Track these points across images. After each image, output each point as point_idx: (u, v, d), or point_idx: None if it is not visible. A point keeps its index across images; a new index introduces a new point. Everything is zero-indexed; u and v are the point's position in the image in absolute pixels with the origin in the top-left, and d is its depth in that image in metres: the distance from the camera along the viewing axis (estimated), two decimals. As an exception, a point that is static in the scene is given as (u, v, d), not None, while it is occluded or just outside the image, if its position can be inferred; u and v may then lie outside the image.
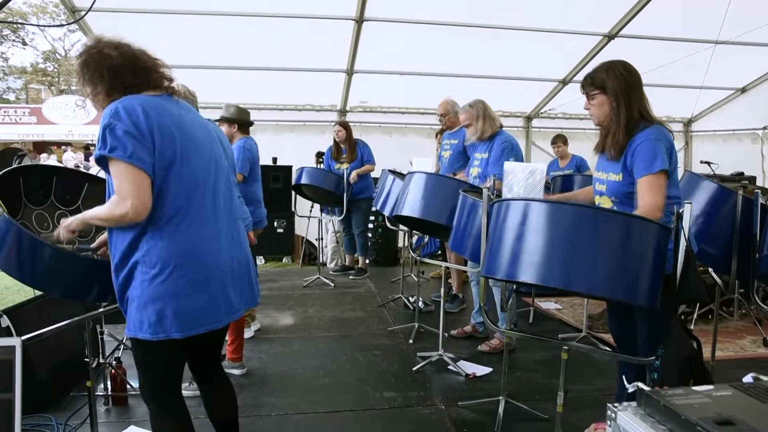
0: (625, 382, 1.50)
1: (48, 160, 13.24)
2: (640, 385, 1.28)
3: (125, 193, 1.66)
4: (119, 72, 1.76)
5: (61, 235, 1.89)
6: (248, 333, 4.22)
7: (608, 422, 1.29)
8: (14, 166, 2.27)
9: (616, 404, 1.31)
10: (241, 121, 4.25)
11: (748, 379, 1.39)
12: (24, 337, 1.84)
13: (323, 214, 6.47)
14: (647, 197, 2.17)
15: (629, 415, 1.25)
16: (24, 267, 1.93)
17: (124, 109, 1.67)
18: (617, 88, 2.28)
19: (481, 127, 4.01)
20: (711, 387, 1.27)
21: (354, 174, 5.95)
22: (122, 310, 1.84)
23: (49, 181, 2.39)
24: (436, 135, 6.17)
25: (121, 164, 1.66)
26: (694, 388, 1.26)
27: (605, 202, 2.39)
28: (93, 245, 2.05)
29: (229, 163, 2.04)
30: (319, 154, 6.36)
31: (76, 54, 1.84)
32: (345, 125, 6.22)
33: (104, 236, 1.98)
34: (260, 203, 4.21)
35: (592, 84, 2.34)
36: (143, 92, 1.79)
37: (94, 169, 7.30)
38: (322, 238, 6.60)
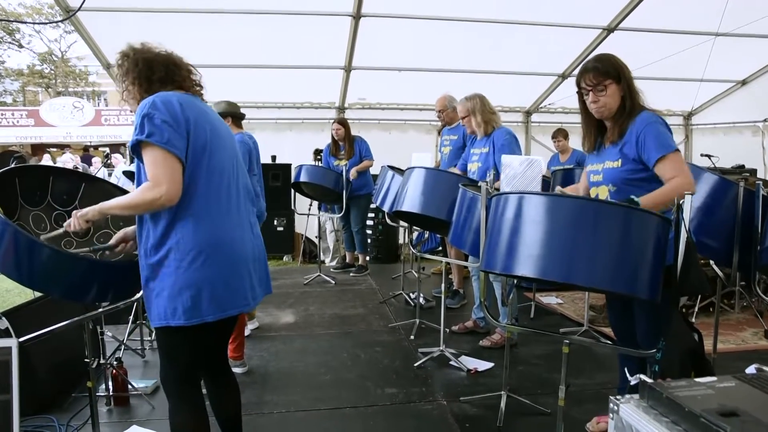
0: (628, 375, 1.49)
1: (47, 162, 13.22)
2: (643, 377, 1.27)
3: (160, 178, 1.74)
4: (153, 64, 1.89)
5: (75, 225, 1.91)
6: (246, 331, 4.21)
7: (611, 415, 1.28)
8: (10, 166, 2.25)
9: (618, 397, 1.30)
10: (232, 113, 4.14)
11: (751, 370, 1.38)
12: (21, 339, 1.83)
13: (321, 212, 6.45)
14: (679, 174, 2.16)
15: (632, 408, 1.24)
16: (22, 268, 1.92)
17: (161, 101, 1.79)
18: (628, 76, 2.31)
19: (480, 120, 3.99)
20: (714, 378, 1.26)
21: (353, 171, 5.94)
22: (146, 301, 1.90)
23: (45, 181, 2.38)
24: (438, 131, 6.15)
25: (157, 150, 1.74)
26: (697, 379, 1.25)
27: (602, 192, 2.37)
28: (111, 242, 2.04)
29: (244, 161, 2.18)
30: (317, 152, 6.34)
31: (119, 50, 1.96)
32: (344, 123, 6.20)
33: (122, 233, 2.04)
34: (259, 197, 4.15)
35: (605, 74, 2.30)
36: (170, 89, 1.90)
37: (92, 171, 7.28)
38: (320, 237, 6.60)
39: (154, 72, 1.89)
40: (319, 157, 6.32)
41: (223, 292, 1.85)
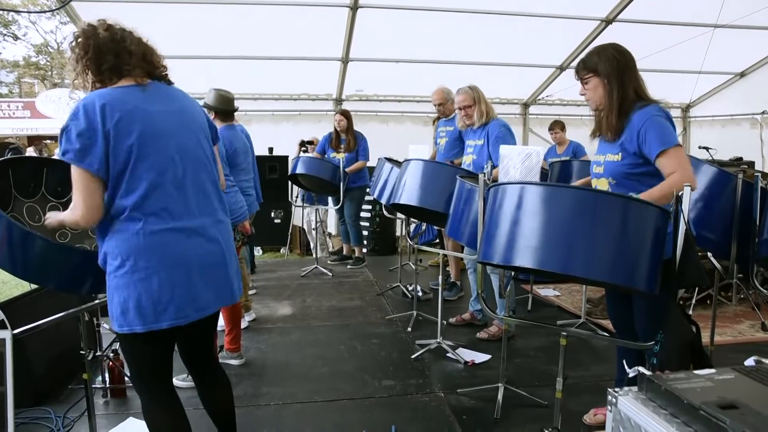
0: (626, 367, 1.48)
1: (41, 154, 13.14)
2: (642, 369, 1.26)
3: (77, 202, 1.71)
4: (102, 51, 1.76)
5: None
6: (244, 323, 4.20)
7: (609, 407, 1.28)
8: (4, 158, 2.23)
9: (617, 389, 1.29)
10: (218, 109, 3.96)
11: (750, 362, 1.37)
12: (16, 331, 1.82)
13: (307, 204, 6.40)
14: (680, 168, 2.14)
15: (630, 400, 1.24)
16: (16, 260, 1.91)
17: (83, 109, 1.68)
18: (609, 70, 2.28)
19: (484, 109, 3.97)
20: (713, 371, 1.26)
21: (348, 169, 5.90)
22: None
23: (39, 173, 2.36)
24: (433, 122, 6.12)
25: (73, 168, 1.69)
26: (696, 372, 1.25)
27: (602, 184, 2.36)
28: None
29: (208, 157, 1.96)
30: (303, 143, 6.26)
31: (73, 32, 1.85)
32: (347, 114, 6.12)
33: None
34: (247, 193, 4.05)
35: (585, 68, 2.35)
36: (119, 79, 1.79)
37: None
38: (315, 228, 6.58)
39: (104, 61, 1.76)
40: (305, 148, 6.22)
41: (149, 303, 1.74)
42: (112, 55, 1.76)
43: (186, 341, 2.07)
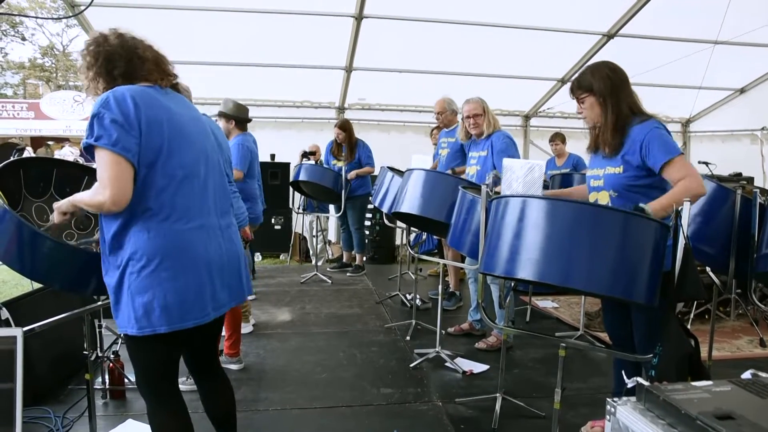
0: (625, 378, 1.50)
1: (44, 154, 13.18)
2: (640, 380, 1.29)
3: (105, 182, 1.66)
4: (113, 58, 1.78)
5: (55, 218, 1.90)
6: (247, 328, 4.22)
7: (608, 417, 1.30)
8: (15, 158, 2.26)
9: (615, 399, 1.31)
10: (238, 118, 4.22)
11: (746, 375, 1.39)
12: (26, 328, 1.84)
13: (308, 212, 6.42)
14: (688, 174, 2.16)
15: (629, 410, 1.26)
16: (24, 259, 1.93)
17: (114, 98, 1.68)
18: (604, 88, 2.33)
19: (491, 119, 4.01)
20: (710, 383, 1.28)
21: (353, 173, 5.94)
22: (111, 306, 1.82)
23: (48, 173, 2.38)
24: (431, 132, 6.16)
25: (105, 152, 1.66)
26: (694, 383, 1.27)
27: (603, 197, 2.39)
28: (95, 237, 2.04)
29: (224, 159, 2.03)
30: (304, 154, 6.28)
31: (84, 41, 1.86)
32: (344, 127, 6.15)
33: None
34: (257, 200, 4.20)
35: (580, 87, 2.40)
36: (135, 83, 1.80)
37: (93, 164, 7.26)
38: (315, 236, 6.60)
39: (114, 66, 1.78)
40: (306, 159, 6.26)
41: (175, 303, 1.75)
42: (123, 61, 1.79)
43: (193, 342, 2.06)
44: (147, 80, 1.83)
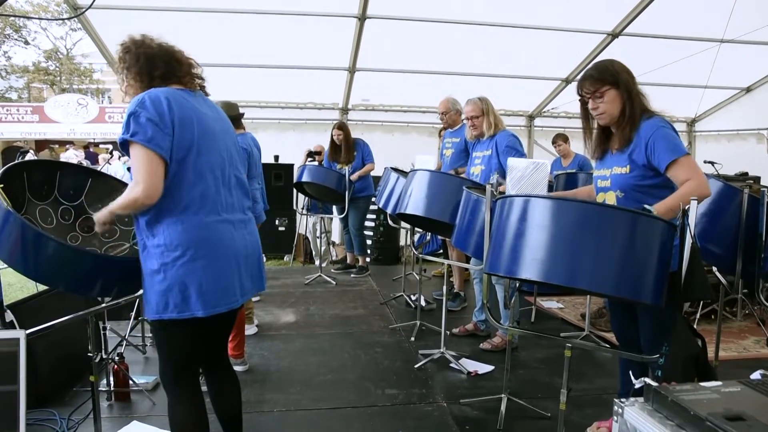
0: (632, 378, 1.49)
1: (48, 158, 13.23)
2: (648, 380, 1.27)
3: (139, 177, 1.77)
4: (154, 60, 1.91)
5: (98, 230, 2.04)
6: (251, 330, 4.22)
7: (615, 417, 1.29)
8: (19, 161, 2.26)
9: (623, 399, 1.30)
10: (230, 116, 4.14)
11: (756, 376, 1.38)
12: (29, 330, 1.84)
13: (311, 213, 6.41)
14: (694, 175, 2.14)
15: (637, 411, 1.24)
16: (28, 261, 1.93)
17: (149, 99, 1.80)
18: (628, 81, 2.30)
19: (493, 120, 3.99)
20: (719, 383, 1.26)
21: (354, 175, 5.93)
22: (143, 295, 1.94)
23: (53, 176, 2.38)
24: (439, 133, 6.15)
25: (140, 148, 1.77)
26: (703, 384, 1.25)
27: (610, 198, 2.37)
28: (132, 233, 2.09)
29: (240, 159, 2.16)
30: (310, 153, 6.28)
31: (120, 42, 1.96)
32: (342, 128, 6.14)
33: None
34: (257, 200, 4.14)
35: (602, 80, 2.31)
36: (170, 85, 1.92)
37: (97, 166, 7.28)
38: (319, 237, 6.59)
39: (155, 68, 1.91)
40: (311, 158, 6.26)
41: (211, 289, 1.88)
42: (163, 62, 1.92)
43: (214, 331, 2.13)
44: (180, 83, 1.96)
